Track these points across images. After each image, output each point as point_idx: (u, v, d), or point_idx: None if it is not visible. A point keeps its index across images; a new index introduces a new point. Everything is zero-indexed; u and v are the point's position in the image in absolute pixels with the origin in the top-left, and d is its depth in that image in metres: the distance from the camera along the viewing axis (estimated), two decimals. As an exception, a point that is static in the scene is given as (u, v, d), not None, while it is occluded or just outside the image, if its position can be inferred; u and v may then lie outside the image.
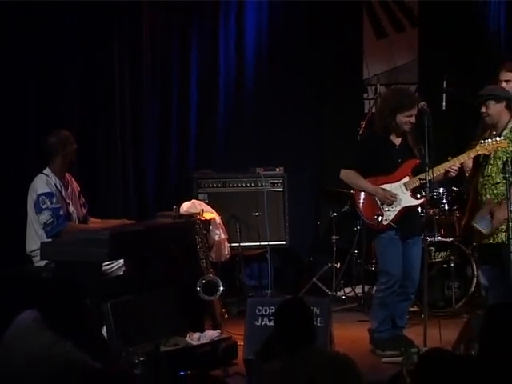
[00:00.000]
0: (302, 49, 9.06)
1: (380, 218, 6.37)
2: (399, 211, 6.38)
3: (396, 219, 6.38)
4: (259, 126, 8.89)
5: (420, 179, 6.31)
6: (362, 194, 6.51)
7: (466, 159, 6.38)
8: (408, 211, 6.42)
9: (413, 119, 6.37)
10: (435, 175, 6.22)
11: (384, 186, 6.41)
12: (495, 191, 6.21)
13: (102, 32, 8.00)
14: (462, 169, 6.75)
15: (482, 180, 6.30)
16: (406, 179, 6.43)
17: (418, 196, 6.47)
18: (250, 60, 8.88)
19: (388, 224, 6.38)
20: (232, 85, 8.83)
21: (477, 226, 6.19)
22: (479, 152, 6.32)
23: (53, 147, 6.71)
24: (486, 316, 4.04)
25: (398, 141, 6.48)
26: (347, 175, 6.53)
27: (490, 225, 6.14)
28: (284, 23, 8.98)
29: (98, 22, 7.95)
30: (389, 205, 6.37)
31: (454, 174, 6.38)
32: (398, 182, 6.43)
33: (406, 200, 6.42)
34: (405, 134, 6.45)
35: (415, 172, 6.42)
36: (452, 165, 6.33)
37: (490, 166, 6.26)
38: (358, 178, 6.48)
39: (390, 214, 6.38)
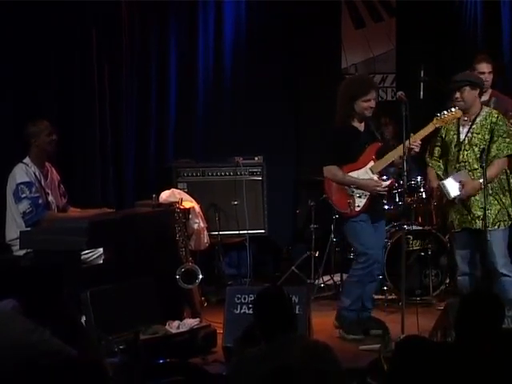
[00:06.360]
0: (280, 38, 9.07)
1: (352, 206, 6.40)
2: (369, 195, 6.40)
3: (367, 204, 6.41)
4: (238, 116, 8.90)
5: (386, 160, 6.34)
6: (333, 185, 6.51)
7: (427, 133, 6.37)
8: (378, 195, 6.45)
9: (372, 103, 6.40)
10: (400, 154, 6.22)
11: (351, 174, 6.44)
12: (472, 177, 6.22)
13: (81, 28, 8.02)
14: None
15: (457, 166, 6.31)
16: (371, 163, 6.45)
17: (385, 178, 6.53)
18: (228, 48, 8.87)
19: (359, 210, 6.41)
20: (210, 75, 8.82)
21: (444, 188, 6.25)
22: (437, 125, 6.36)
23: (28, 136, 6.70)
24: (461, 304, 4.10)
25: (361, 127, 6.51)
26: (331, 172, 6.47)
27: (457, 191, 6.19)
28: (263, 12, 8.98)
29: (76, 18, 7.95)
30: (378, 193, 6.39)
31: (417, 150, 6.32)
32: (364, 168, 6.44)
33: None
34: (366, 119, 6.49)
35: (379, 155, 6.45)
36: (413, 141, 6.26)
37: (466, 152, 6.27)
38: (343, 173, 6.44)
39: (361, 200, 6.41)
